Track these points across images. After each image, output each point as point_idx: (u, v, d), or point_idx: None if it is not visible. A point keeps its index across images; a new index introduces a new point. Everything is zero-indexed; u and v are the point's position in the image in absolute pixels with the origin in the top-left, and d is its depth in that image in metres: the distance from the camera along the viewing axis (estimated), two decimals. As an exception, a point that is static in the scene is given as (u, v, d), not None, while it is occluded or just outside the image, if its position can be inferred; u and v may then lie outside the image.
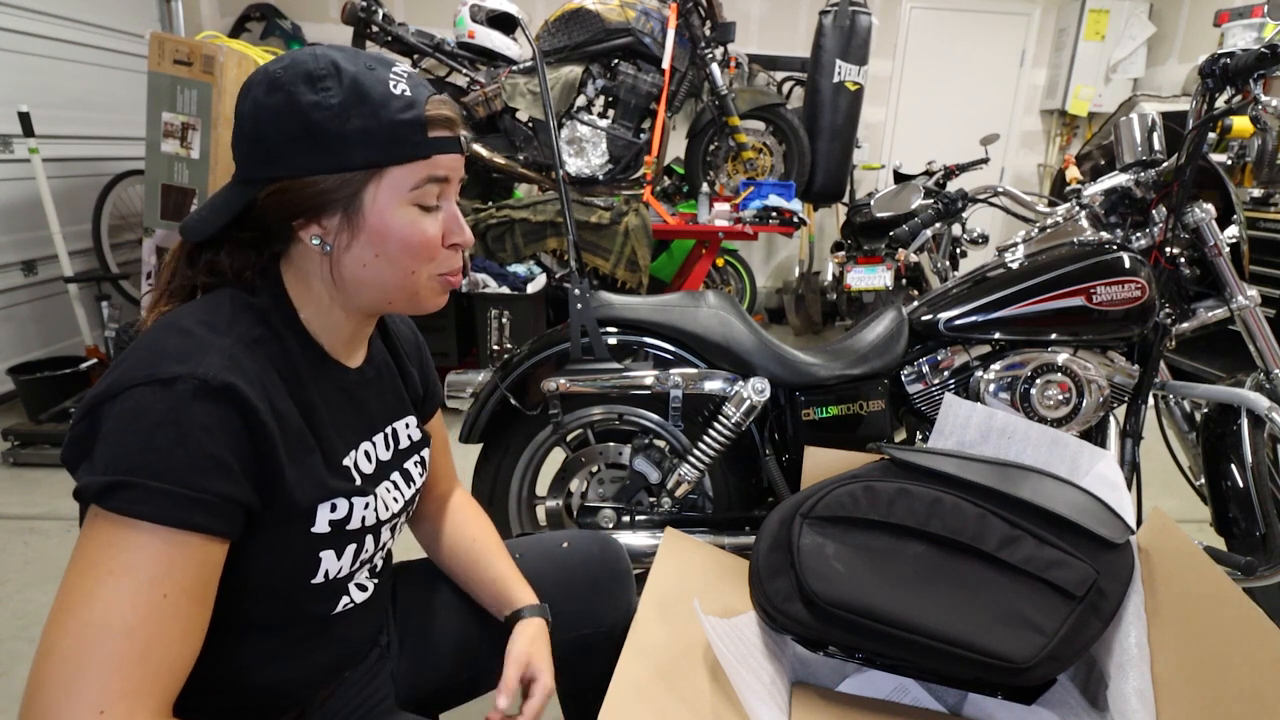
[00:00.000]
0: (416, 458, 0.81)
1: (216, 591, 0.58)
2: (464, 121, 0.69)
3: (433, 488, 0.92)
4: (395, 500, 0.75)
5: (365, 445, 0.73)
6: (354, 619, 0.74)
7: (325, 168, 0.61)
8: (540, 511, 1.55)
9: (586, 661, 0.89)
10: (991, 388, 1.39)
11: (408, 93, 0.63)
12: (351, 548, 0.69)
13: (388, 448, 0.77)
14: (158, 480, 0.52)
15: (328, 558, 0.67)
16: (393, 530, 0.77)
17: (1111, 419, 1.43)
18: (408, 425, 0.81)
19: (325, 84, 0.60)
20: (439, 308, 0.72)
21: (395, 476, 0.77)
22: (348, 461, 0.70)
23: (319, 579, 0.66)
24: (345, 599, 0.72)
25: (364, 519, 0.69)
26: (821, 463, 1.05)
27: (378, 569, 0.78)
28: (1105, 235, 1.43)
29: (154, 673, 0.52)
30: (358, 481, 0.70)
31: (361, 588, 0.74)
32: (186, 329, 0.59)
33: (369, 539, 0.71)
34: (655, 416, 1.45)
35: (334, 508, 0.66)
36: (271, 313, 0.65)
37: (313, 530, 0.65)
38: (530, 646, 0.79)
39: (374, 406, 0.76)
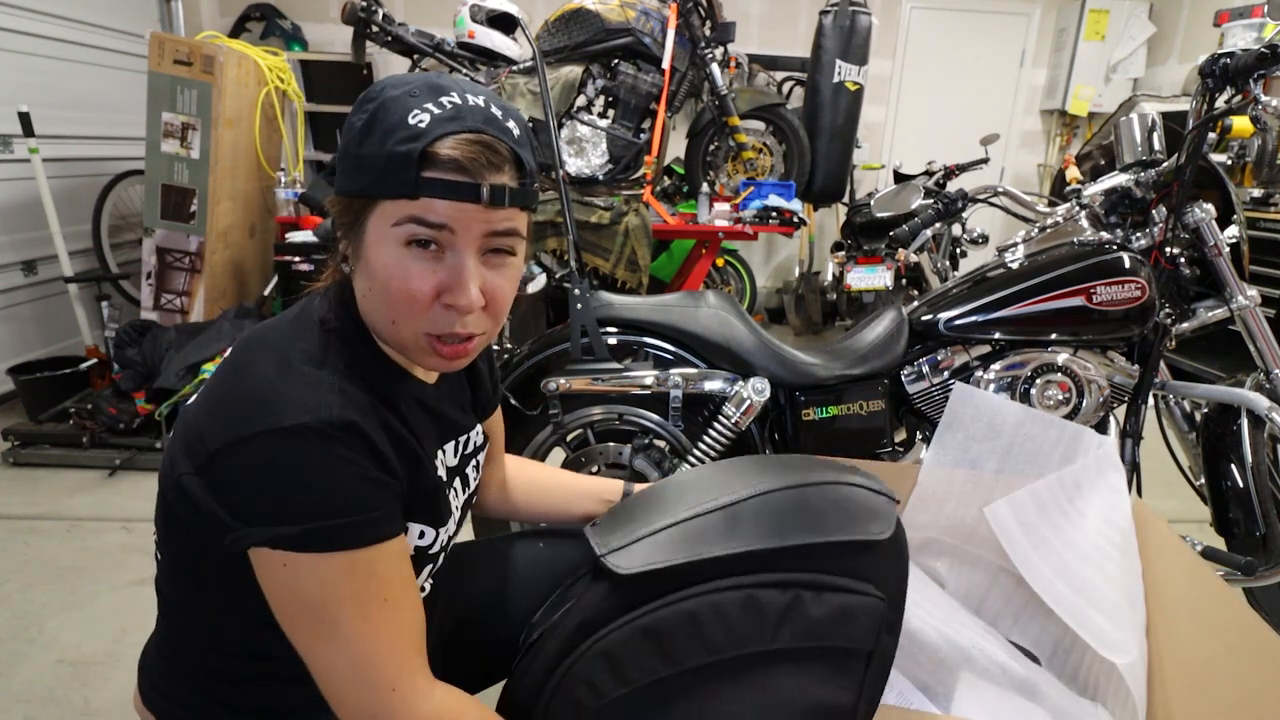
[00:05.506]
0: (475, 462, 0.83)
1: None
2: (520, 171, 0.61)
3: (495, 470, 0.95)
4: (455, 509, 0.78)
5: (438, 455, 0.74)
6: None
7: (340, 188, 0.62)
8: (540, 511, 1.55)
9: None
10: (991, 388, 1.39)
11: (422, 124, 0.57)
12: (428, 568, 0.73)
13: (455, 454, 0.78)
14: (338, 516, 0.57)
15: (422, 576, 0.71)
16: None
17: (1111, 419, 1.43)
18: (475, 432, 0.83)
19: (364, 106, 0.60)
20: (439, 370, 0.69)
21: (456, 483, 0.78)
22: (439, 474, 0.73)
23: None
24: None
25: (442, 543, 0.73)
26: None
27: (437, 568, 0.79)
28: (1105, 235, 1.43)
29: (410, 648, 0.62)
30: (444, 489, 0.73)
31: (420, 589, 0.76)
32: (291, 366, 0.59)
33: (442, 556, 0.75)
34: (655, 416, 1.45)
35: (421, 534, 0.69)
36: (352, 336, 0.65)
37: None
38: None
39: (449, 417, 0.77)
